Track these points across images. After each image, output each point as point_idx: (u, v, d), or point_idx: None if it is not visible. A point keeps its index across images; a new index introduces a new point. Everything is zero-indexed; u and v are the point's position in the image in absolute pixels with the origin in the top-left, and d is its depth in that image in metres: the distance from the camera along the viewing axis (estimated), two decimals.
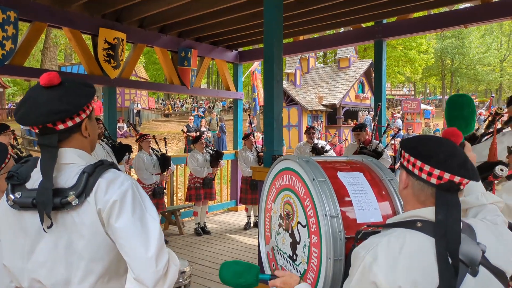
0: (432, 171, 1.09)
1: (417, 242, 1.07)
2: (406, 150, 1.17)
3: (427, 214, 1.11)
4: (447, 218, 1.06)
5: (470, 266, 1.05)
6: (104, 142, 4.52)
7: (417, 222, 1.11)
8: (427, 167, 1.10)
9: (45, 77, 1.17)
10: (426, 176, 1.10)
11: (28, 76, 4.70)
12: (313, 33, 6.38)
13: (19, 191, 1.17)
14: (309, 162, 1.91)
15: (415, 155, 1.13)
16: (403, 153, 1.18)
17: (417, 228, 1.09)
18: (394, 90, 41.47)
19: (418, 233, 1.08)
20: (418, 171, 1.12)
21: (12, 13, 4.13)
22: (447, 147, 1.13)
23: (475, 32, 33.75)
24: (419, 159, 1.11)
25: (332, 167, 1.99)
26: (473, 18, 4.74)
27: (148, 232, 1.13)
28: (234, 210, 7.52)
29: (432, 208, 1.12)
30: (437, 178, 1.09)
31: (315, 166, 1.88)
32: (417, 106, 20.20)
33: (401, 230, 1.11)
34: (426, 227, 1.09)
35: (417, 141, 1.18)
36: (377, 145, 4.60)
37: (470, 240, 1.08)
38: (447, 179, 1.08)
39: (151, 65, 33.34)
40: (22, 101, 1.20)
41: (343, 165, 2.08)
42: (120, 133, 16.35)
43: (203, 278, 4.18)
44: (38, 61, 20.99)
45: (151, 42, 5.82)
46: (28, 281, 1.18)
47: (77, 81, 1.23)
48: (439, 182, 1.09)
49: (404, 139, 1.23)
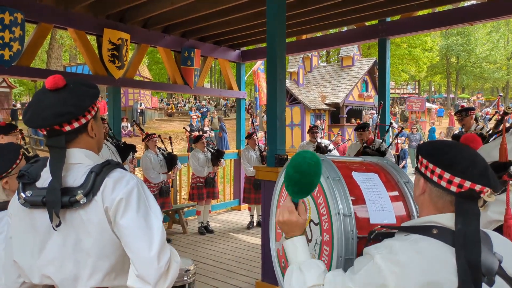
0: (452, 179, 1.07)
1: (431, 249, 1.05)
2: (425, 157, 1.15)
3: (443, 221, 1.10)
4: (466, 227, 1.04)
5: (487, 276, 1.03)
6: (109, 141, 4.56)
7: (433, 228, 1.09)
8: (447, 175, 1.08)
9: (50, 80, 1.20)
10: (445, 183, 1.08)
11: (34, 77, 4.75)
12: (316, 32, 6.38)
13: (30, 190, 1.21)
14: (324, 160, 1.91)
15: (434, 162, 1.11)
16: (421, 159, 1.16)
17: (432, 235, 1.07)
18: (398, 89, 41.30)
19: (434, 240, 1.06)
20: (437, 178, 1.10)
21: (19, 15, 4.17)
22: (468, 154, 1.11)
23: (481, 29, 33.45)
24: (439, 166, 1.09)
25: (346, 166, 1.98)
26: (479, 15, 4.69)
27: (151, 230, 1.16)
28: (237, 209, 7.55)
29: (449, 215, 1.10)
30: (457, 186, 1.07)
31: (329, 164, 1.88)
32: (421, 104, 20.12)
33: (416, 237, 1.09)
34: (442, 234, 1.07)
35: (436, 148, 1.15)
36: (380, 144, 4.60)
37: (487, 249, 1.06)
38: (468, 187, 1.06)
39: (155, 64, 33.41)
40: (29, 104, 1.24)
41: (358, 165, 2.07)
42: (124, 133, 16.43)
43: (206, 276, 4.21)
44: (43, 61, 21.13)
45: (154, 42, 5.85)
46: (39, 277, 1.22)
47: (81, 83, 1.26)
48: (459, 190, 1.07)
49: (422, 144, 1.22)
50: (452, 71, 36.39)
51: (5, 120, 16.76)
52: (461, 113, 5.18)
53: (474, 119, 5.19)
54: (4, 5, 4.05)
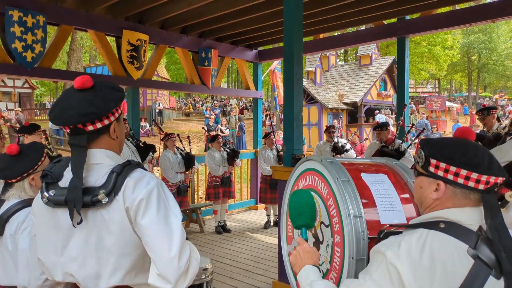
0: (480, 178, 1.09)
1: (439, 242, 1.07)
2: (443, 160, 1.13)
3: (450, 215, 1.11)
4: (495, 220, 1.07)
5: (494, 269, 1.03)
6: (129, 141, 4.63)
7: (440, 223, 1.10)
8: (474, 175, 1.09)
9: (78, 80, 1.23)
10: (474, 183, 1.10)
11: (55, 78, 4.87)
12: (333, 31, 6.32)
13: (53, 189, 1.24)
14: (332, 162, 1.92)
15: (458, 165, 1.11)
16: (437, 162, 1.14)
17: (440, 229, 1.09)
18: (418, 87, 40.53)
19: (441, 234, 1.08)
20: (463, 180, 1.10)
21: (41, 18, 4.29)
22: (483, 151, 1.14)
23: (504, 26, 32.52)
24: (465, 168, 1.10)
25: (356, 168, 1.98)
26: (501, 12, 4.55)
27: (171, 229, 1.18)
28: (254, 209, 7.56)
29: (456, 210, 1.11)
30: (485, 184, 1.10)
31: (339, 166, 1.89)
32: (442, 103, 19.65)
33: (423, 230, 1.11)
34: (449, 228, 1.09)
35: (452, 150, 1.14)
36: (400, 145, 4.53)
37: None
38: (493, 182, 1.10)
39: (172, 65, 33.80)
40: (56, 102, 1.28)
41: (367, 167, 2.06)
42: (143, 132, 16.68)
43: (223, 275, 4.22)
44: (64, 62, 21.65)
45: (172, 43, 5.92)
46: (62, 275, 1.25)
47: (108, 85, 1.29)
48: (486, 187, 1.10)
49: (431, 147, 1.18)
50: (473, 69, 35.50)
51: (29, 120, 17.25)
52: (483, 112, 5.05)
53: (496, 118, 5.05)
54: (27, 8, 4.16)
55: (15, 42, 4.13)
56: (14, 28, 4.09)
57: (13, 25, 4.08)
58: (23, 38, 4.17)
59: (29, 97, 26.75)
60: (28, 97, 26.65)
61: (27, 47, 4.22)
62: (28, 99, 26.49)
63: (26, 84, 26.02)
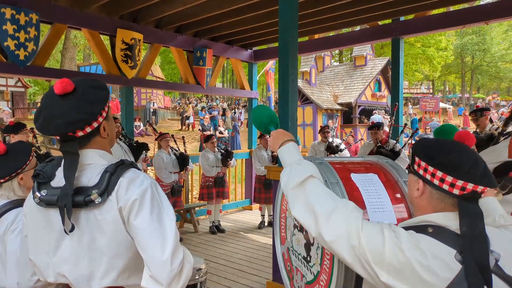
0: (455, 182, 1.05)
1: (428, 245, 1.05)
2: (423, 159, 1.11)
3: (438, 220, 1.09)
4: (472, 229, 1.02)
5: None
6: (121, 141, 4.60)
7: (428, 227, 1.09)
8: (449, 178, 1.06)
9: (58, 85, 1.19)
10: (448, 187, 1.06)
11: (49, 77, 4.82)
12: (328, 31, 6.34)
13: (45, 189, 1.22)
14: (321, 163, 1.91)
15: (435, 165, 1.08)
16: (419, 161, 1.13)
17: (428, 233, 1.07)
18: (412, 88, 40.78)
19: (429, 238, 1.06)
20: (438, 181, 1.07)
21: (34, 16, 4.24)
22: (469, 155, 1.09)
23: (497, 28, 32.82)
24: (441, 169, 1.07)
25: (345, 168, 1.97)
26: (495, 14, 4.59)
27: (164, 230, 1.16)
28: (249, 209, 7.55)
29: (444, 214, 1.09)
30: (460, 189, 1.05)
31: (327, 167, 1.87)
32: (435, 104, 19.79)
33: (413, 232, 1.09)
34: (437, 232, 1.07)
35: (436, 150, 1.12)
36: (394, 145, 4.55)
37: None
38: (470, 189, 1.04)
39: (167, 64, 33.68)
40: (39, 109, 1.23)
41: (357, 166, 2.06)
42: (137, 132, 16.59)
43: (217, 276, 4.22)
44: (57, 61, 21.49)
45: (167, 42, 5.89)
46: (54, 275, 1.24)
47: (90, 85, 1.24)
48: (462, 193, 1.05)
49: (417, 144, 1.18)
50: (467, 70, 35.79)
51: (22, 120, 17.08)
52: (476, 113, 5.09)
53: (489, 120, 5.09)
54: (20, 6, 4.12)
55: (7, 40, 4.07)
56: (6, 26, 4.04)
57: (6, 23, 4.03)
58: (15, 36, 4.12)
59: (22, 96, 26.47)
60: (21, 96, 26.37)
61: (20, 45, 4.18)
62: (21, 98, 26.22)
63: (19, 82, 25.76)
